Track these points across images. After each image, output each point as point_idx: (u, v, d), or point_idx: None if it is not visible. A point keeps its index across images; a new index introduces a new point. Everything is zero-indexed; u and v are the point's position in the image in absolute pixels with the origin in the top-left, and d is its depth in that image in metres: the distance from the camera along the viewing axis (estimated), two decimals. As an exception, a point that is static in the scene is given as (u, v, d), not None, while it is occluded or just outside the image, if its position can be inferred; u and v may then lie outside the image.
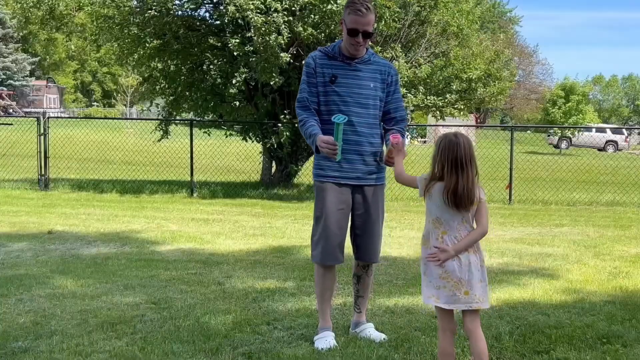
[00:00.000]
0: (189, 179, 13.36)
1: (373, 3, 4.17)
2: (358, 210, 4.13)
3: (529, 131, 51.07)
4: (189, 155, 13.39)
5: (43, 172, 13.62)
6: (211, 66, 13.36)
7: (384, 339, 4.05)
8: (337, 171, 4.00)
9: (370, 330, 4.16)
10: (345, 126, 3.87)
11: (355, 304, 4.32)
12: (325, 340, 3.96)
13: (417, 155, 20.19)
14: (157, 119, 15.25)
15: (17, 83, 55.76)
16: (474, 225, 3.28)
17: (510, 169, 13.15)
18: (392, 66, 4.20)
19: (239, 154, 15.32)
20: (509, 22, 64.72)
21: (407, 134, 38.10)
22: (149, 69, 14.36)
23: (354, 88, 4.00)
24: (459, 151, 3.18)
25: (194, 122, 14.20)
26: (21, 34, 52.88)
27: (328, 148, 3.83)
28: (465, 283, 3.21)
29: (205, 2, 13.35)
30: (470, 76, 13.91)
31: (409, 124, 31.60)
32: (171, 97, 14.26)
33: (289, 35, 11.74)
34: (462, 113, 14.51)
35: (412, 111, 20.74)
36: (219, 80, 13.28)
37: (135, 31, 12.75)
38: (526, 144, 39.87)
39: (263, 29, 11.44)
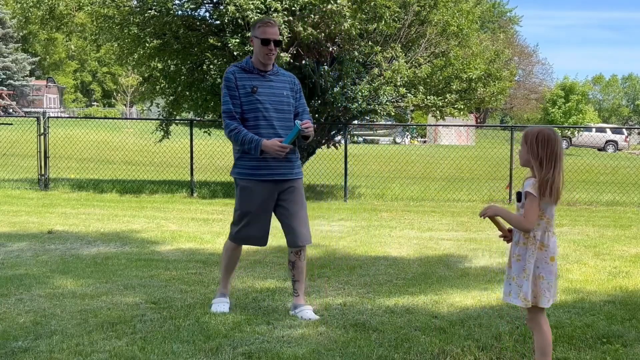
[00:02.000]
0: (189, 179, 13.36)
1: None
2: (284, 202, 4.65)
3: (529, 131, 51.01)
4: (189, 155, 13.39)
5: (43, 172, 13.62)
6: (211, 66, 13.35)
7: (317, 318, 4.53)
8: (264, 169, 4.54)
9: (308, 312, 4.61)
10: (269, 129, 4.52)
11: (293, 288, 4.77)
12: (220, 305, 4.67)
13: (417, 155, 20.21)
14: (157, 119, 15.25)
15: (17, 83, 55.72)
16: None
17: (510, 169, 13.16)
18: (295, 77, 4.89)
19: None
20: (509, 22, 64.69)
21: (407, 133, 38.14)
22: (149, 69, 14.36)
23: (271, 96, 4.61)
24: (558, 145, 3.23)
25: (194, 122, 14.20)
26: (21, 33, 52.85)
27: (282, 150, 4.44)
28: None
29: (205, 2, 13.34)
30: (470, 76, 13.90)
31: (408, 123, 31.54)
32: (171, 97, 14.27)
33: (289, 35, 11.73)
34: (462, 113, 14.49)
35: (412, 111, 20.77)
36: (219, 80, 13.28)
37: (135, 31, 12.74)
38: (526, 144, 39.86)
39: (263, 28, 11.44)
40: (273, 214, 4.69)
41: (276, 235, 8.22)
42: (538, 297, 3.28)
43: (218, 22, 13.21)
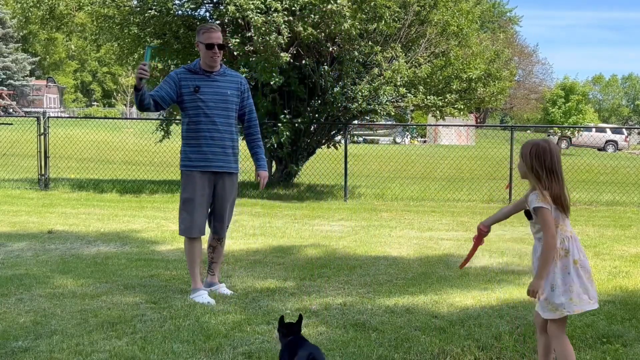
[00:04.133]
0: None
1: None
2: (218, 193, 5.10)
3: (529, 131, 51.01)
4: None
5: (43, 172, 13.62)
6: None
7: (232, 293, 5.11)
8: (203, 161, 5.00)
9: (223, 289, 5.19)
10: (210, 125, 5.00)
11: (209, 268, 5.30)
12: (202, 296, 4.93)
13: (417, 155, 20.20)
14: (157, 119, 15.24)
15: (17, 83, 55.72)
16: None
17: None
18: (243, 77, 5.33)
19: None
20: (509, 21, 64.68)
21: (407, 133, 38.13)
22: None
23: (214, 95, 5.03)
24: (553, 157, 3.27)
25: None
26: (21, 33, 52.87)
27: (142, 70, 4.85)
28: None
29: (205, 1, 13.35)
30: (470, 76, 13.90)
31: (408, 123, 31.52)
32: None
33: (289, 35, 11.73)
34: (462, 113, 14.50)
35: (412, 111, 20.77)
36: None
37: (135, 31, 12.75)
38: (526, 144, 39.84)
39: (263, 28, 11.44)
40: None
41: (276, 235, 8.27)
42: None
43: (218, 22, 13.21)
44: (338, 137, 15.03)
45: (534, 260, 3.30)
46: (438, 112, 14.26)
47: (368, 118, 15.65)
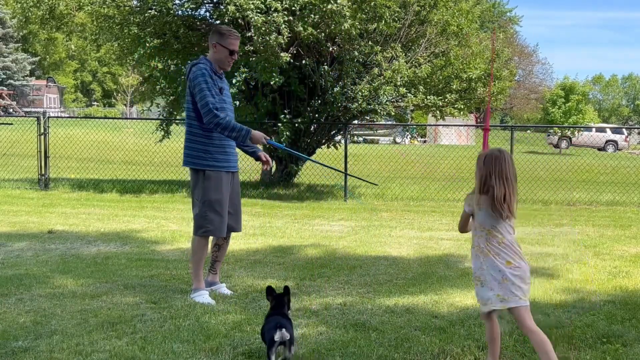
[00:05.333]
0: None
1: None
2: (235, 190, 5.30)
3: (528, 131, 51.05)
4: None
5: (43, 172, 13.62)
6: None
7: (232, 294, 5.18)
8: (226, 162, 5.15)
9: (223, 289, 5.26)
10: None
11: (212, 267, 5.35)
12: (204, 296, 5.00)
13: (417, 154, 20.19)
14: (158, 119, 15.24)
15: (17, 83, 55.74)
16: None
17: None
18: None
19: (239, 154, 15.29)
20: (509, 21, 64.70)
21: (407, 133, 38.14)
22: (149, 69, 14.36)
23: (228, 97, 5.22)
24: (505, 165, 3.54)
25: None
26: (21, 33, 52.89)
27: (265, 140, 5.11)
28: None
29: (205, 1, 13.34)
30: (470, 76, 13.90)
31: (408, 123, 31.48)
32: (171, 97, 14.26)
33: (289, 35, 11.73)
34: (462, 113, 14.50)
35: (412, 111, 20.76)
36: (218, 80, 13.28)
37: (136, 31, 12.74)
38: (526, 144, 39.85)
39: (263, 28, 11.44)
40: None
41: (276, 235, 8.26)
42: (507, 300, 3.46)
43: (218, 22, 13.21)
44: (338, 137, 15.03)
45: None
46: (438, 112, 14.26)
47: (368, 118, 15.64)
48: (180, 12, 13.24)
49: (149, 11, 12.32)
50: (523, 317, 3.45)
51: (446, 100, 13.90)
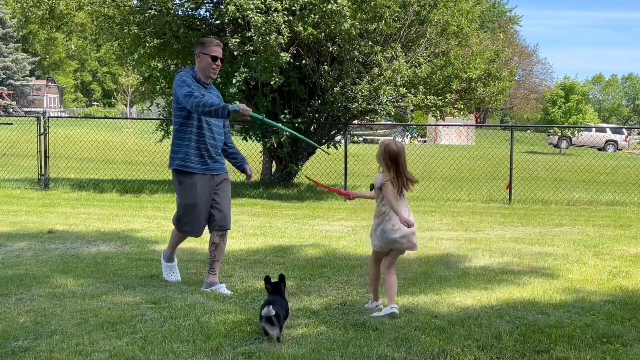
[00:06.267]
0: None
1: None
2: (218, 191, 5.41)
3: (528, 131, 51.06)
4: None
5: (43, 172, 13.62)
6: (211, 66, 13.32)
7: (232, 294, 5.25)
8: (203, 165, 5.32)
9: (223, 289, 5.30)
10: (209, 132, 5.31)
11: (211, 267, 5.41)
12: (173, 273, 5.63)
13: (417, 155, 20.20)
14: (158, 119, 15.25)
15: (17, 83, 55.75)
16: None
17: (510, 169, 13.16)
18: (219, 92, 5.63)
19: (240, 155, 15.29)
20: (509, 21, 64.73)
21: (407, 133, 38.14)
22: (149, 69, 14.36)
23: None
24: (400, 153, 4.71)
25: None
26: (21, 33, 52.84)
27: (247, 112, 5.07)
28: None
29: (205, 1, 13.35)
30: (470, 76, 13.90)
31: (408, 123, 31.51)
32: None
33: (289, 34, 11.73)
34: (462, 113, 14.50)
35: (412, 111, 20.76)
36: (219, 79, 13.26)
37: (136, 31, 12.73)
38: (526, 144, 39.86)
39: (263, 28, 11.44)
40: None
41: (276, 235, 8.26)
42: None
43: (218, 21, 13.21)
44: (338, 137, 15.03)
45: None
46: (438, 112, 14.26)
47: (368, 118, 15.64)
48: (180, 12, 13.25)
49: (149, 11, 12.32)
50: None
51: (446, 100, 13.91)
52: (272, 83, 12.12)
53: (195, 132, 5.26)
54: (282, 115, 13.01)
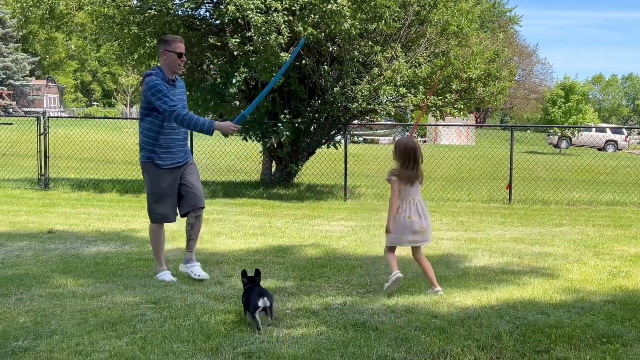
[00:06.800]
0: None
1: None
2: (186, 176, 5.80)
3: (528, 131, 51.07)
4: (189, 154, 13.36)
5: (43, 172, 13.62)
6: (211, 66, 13.35)
7: (207, 277, 5.64)
8: (169, 160, 5.73)
9: (198, 269, 5.73)
10: (179, 127, 5.67)
11: (187, 245, 5.86)
12: (167, 275, 5.69)
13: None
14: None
15: (17, 83, 55.75)
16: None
17: (510, 169, 13.16)
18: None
19: (239, 154, 15.32)
20: (509, 21, 64.74)
21: (407, 133, 38.12)
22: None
23: (179, 102, 5.60)
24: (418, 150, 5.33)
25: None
26: (21, 33, 52.87)
27: (235, 128, 5.63)
28: None
29: (205, 1, 13.34)
30: (470, 76, 13.90)
31: (408, 123, 31.66)
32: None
33: (289, 34, 11.73)
34: (461, 113, 14.50)
35: (411, 111, 20.74)
36: (219, 79, 13.27)
37: (136, 30, 12.73)
38: (526, 144, 39.87)
39: (263, 28, 11.44)
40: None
41: (276, 235, 8.26)
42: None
43: (218, 21, 13.21)
44: (338, 137, 15.03)
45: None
46: (438, 112, 14.26)
47: (368, 118, 15.64)
48: (180, 12, 13.24)
49: (149, 11, 12.32)
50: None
51: (446, 100, 13.91)
52: (272, 83, 12.11)
53: (160, 126, 5.63)
54: (282, 115, 13.01)
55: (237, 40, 11.97)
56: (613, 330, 4.26)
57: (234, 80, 12.24)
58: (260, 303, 4.22)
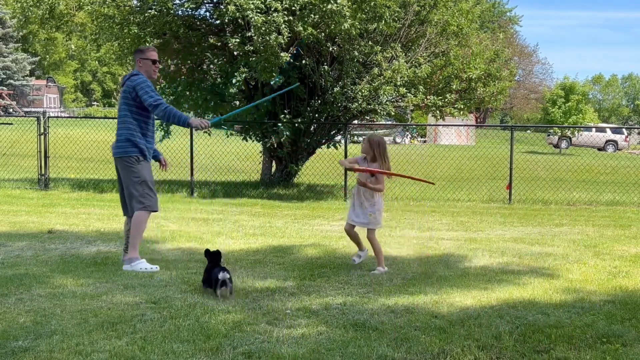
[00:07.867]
0: (189, 178, 13.37)
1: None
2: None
3: (528, 131, 51.07)
4: (189, 155, 13.39)
5: (43, 172, 13.62)
6: (211, 66, 13.35)
7: (157, 269, 6.05)
8: (150, 153, 6.26)
9: (143, 265, 6.09)
10: (152, 125, 6.32)
11: (126, 245, 6.24)
12: (145, 263, 6.06)
13: (418, 154, 20.21)
14: (158, 119, 15.24)
15: (17, 83, 55.72)
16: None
17: (510, 169, 13.16)
18: None
19: (239, 154, 15.32)
20: (509, 21, 64.72)
21: (407, 133, 38.14)
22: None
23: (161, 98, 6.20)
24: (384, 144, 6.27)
25: (194, 121, 14.16)
26: (21, 33, 52.82)
27: (207, 124, 6.22)
28: None
29: (205, 1, 13.35)
30: (470, 76, 13.91)
31: (408, 123, 31.50)
32: (171, 97, 14.27)
33: (289, 34, 11.74)
34: (461, 113, 14.50)
35: (412, 111, 20.75)
36: (219, 79, 13.28)
37: (136, 30, 12.74)
38: (526, 144, 39.87)
39: (263, 28, 11.45)
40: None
41: (276, 235, 8.27)
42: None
43: (218, 21, 13.22)
44: (338, 137, 15.04)
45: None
46: (438, 112, 14.26)
47: (368, 118, 15.64)
48: (180, 12, 13.25)
49: (149, 11, 12.33)
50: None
51: (446, 100, 13.91)
52: (272, 83, 12.12)
53: (145, 122, 6.19)
54: (282, 115, 13.01)
55: (237, 40, 11.97)
56: (613, 330, 4.26)
57: (234, 80, 12.25)
58: (221, 276, 4.92)
